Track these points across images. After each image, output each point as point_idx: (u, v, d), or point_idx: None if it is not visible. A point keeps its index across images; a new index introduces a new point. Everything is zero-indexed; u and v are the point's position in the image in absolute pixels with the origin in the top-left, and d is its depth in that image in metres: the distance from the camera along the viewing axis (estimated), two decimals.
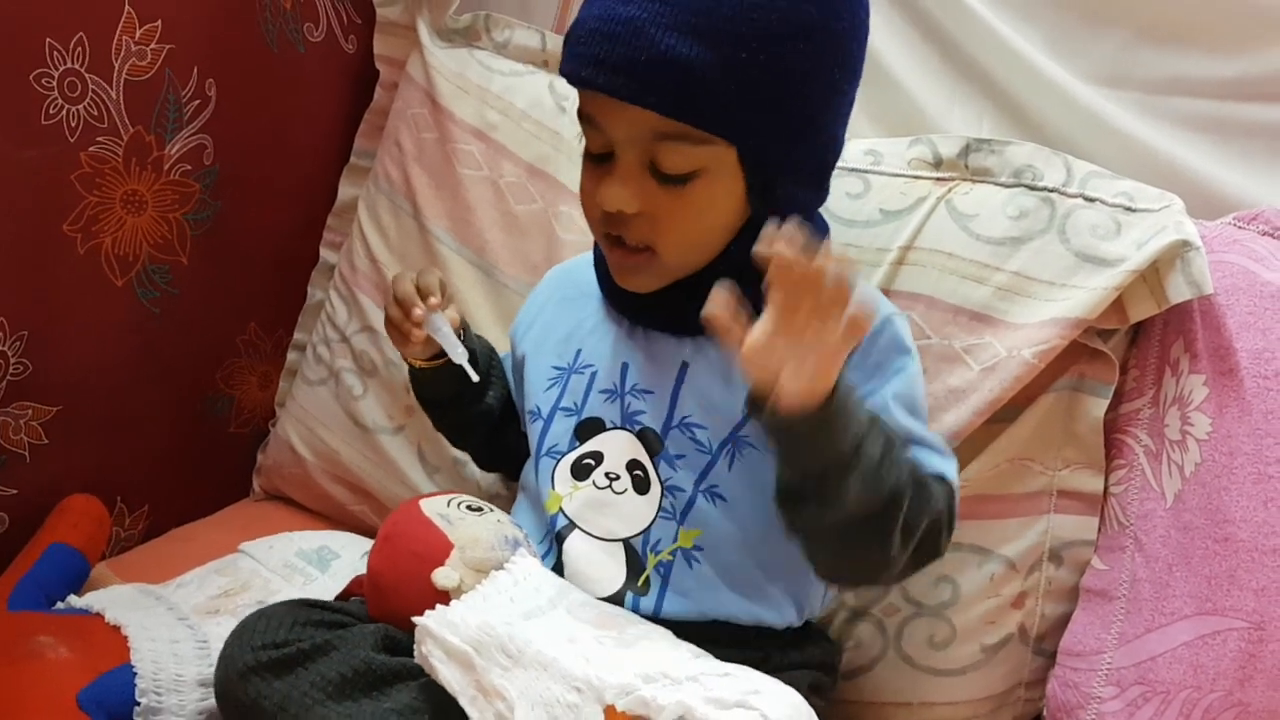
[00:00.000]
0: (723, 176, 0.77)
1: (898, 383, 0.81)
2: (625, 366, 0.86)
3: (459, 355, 0.88)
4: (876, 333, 0.81)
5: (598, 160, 0.80)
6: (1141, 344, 0.92)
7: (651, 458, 0.84)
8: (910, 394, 0.82)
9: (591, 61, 0.75)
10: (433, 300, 0.86)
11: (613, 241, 0.81)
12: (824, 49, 0.77)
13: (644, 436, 0.84)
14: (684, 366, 0.84)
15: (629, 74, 0.73)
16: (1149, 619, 0.87)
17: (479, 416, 0.95)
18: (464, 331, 0.91)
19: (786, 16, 0.74)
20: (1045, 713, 0.92)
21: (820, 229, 0.87)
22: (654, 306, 0.85)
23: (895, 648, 0.92)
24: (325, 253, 1.25)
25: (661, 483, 0.83)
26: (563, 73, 0.78)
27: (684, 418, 0.83)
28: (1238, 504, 0.84)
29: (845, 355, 0.68)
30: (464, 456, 1.06)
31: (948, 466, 0.81)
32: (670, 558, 0.82)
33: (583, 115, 0.79)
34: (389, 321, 0.89)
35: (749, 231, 0.78)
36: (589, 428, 0.86)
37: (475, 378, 0.89)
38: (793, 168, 0.79)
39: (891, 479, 0.72)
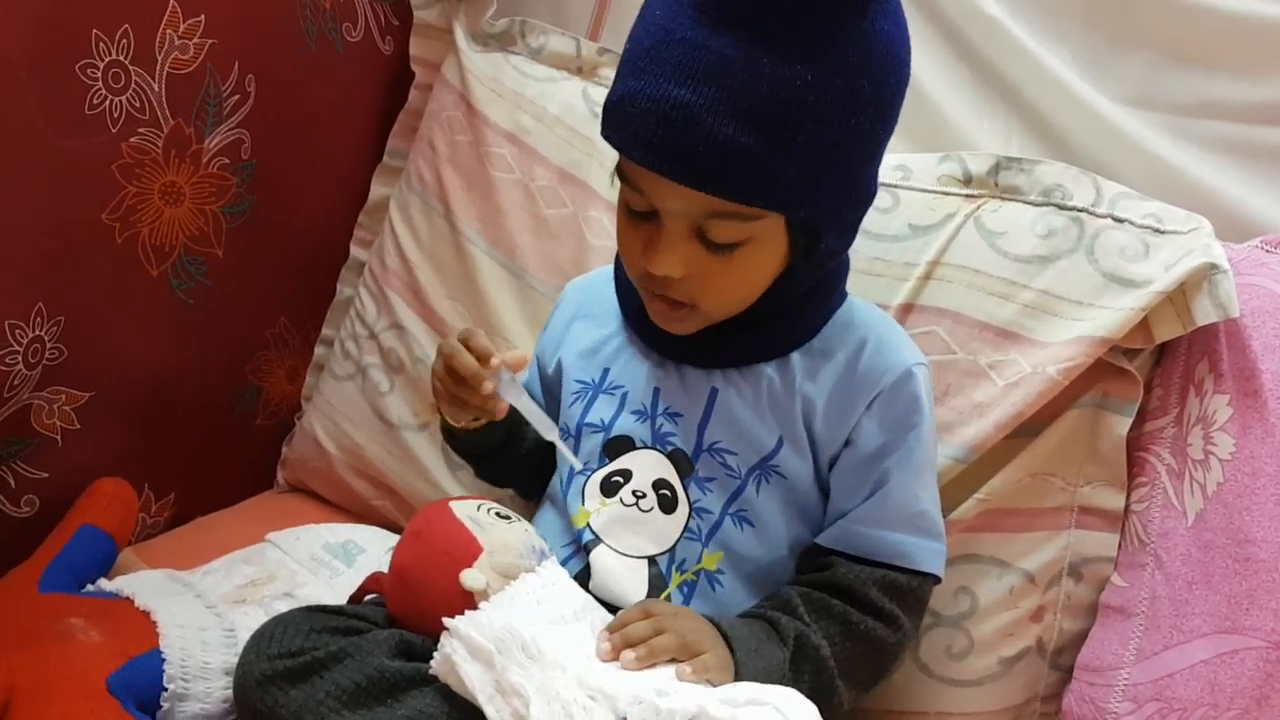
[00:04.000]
0: (770, 240, 0.78)
1: (905, 455, 0.83)
2: (657, 391, 0.87)
3: (549, 431, 0.83)
4: (900, 384, 0.83)
5: (639, 216, 0.79)
6: (1166, 363, 0.93)
7: (681, 478, 0.84)
8: (917, 463, 0.84)
9: (647, 144, 0.73)
10: (495, 361, 0.81)
11: (655, 295, 0.81)
12: (874, 117, 0.76)
13: (674, 457, 0.85)
14: (714, 392, 0.85)
15: (687, 163, 0.72)
16: (1167, 636, 0.87)
17: (524, 459, 0.95)
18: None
19: (840, 95, 0.72)
20: None
21: (842, 263, 0.87)
22: (683, 343, 0.85)
23: (912, 657, 0.93)
24: (355, 250, 1.26)
25: (690, 504, 0.84)
26: (611, 143, 0.77)
27: (714, 443, 0.84)
28: (1259, 524, 0.85)
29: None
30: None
31: (932, 559, 0.83)
32: (694, 578, 0.83)
33: (626, 178, 0.78)
34: (452, 382, 0.83)
35: (784, 277, 0.81)
36: (617, 445, 0.87)
37: (573, 460, 0.84)
38: (836, 223, 0.80)
39: (830, 687, 0.79)
